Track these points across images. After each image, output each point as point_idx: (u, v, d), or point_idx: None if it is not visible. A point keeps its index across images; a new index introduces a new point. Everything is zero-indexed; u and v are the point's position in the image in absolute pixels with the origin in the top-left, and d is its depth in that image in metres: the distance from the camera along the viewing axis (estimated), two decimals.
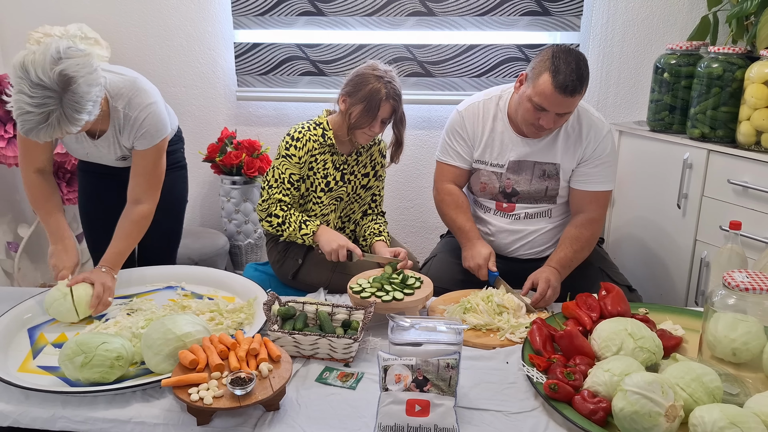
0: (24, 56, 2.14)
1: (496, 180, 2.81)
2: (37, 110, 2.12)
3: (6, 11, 4.13)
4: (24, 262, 4.18)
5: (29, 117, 2.13)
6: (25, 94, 2.11)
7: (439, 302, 2.54)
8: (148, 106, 2.53)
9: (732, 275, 1.95)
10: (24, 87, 2.11)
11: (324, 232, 2.75)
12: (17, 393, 1.93)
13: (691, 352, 2.13)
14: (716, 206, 3.00)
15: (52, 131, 2.18)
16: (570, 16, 3.75)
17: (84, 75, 2.18)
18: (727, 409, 1.64)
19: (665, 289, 3.32)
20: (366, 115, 2.71)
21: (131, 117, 2.52)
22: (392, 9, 3.85)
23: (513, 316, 2.38)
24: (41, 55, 2.14)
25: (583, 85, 2.51)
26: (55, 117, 2.15)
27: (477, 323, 2.33)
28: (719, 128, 3.00)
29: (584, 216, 2.73)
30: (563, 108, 2.54)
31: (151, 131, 2.55)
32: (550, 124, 2.57)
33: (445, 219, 2.92)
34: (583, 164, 2.74)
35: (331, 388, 1.98)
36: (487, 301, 2.42)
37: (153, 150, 2.60)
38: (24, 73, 2.12)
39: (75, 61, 2.18)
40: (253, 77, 4.11)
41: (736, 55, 2.95)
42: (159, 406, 1.89)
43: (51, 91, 2.12)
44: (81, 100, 2.18)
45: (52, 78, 2.11)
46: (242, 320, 2.34)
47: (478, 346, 2.24)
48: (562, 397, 1.83)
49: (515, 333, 2.29)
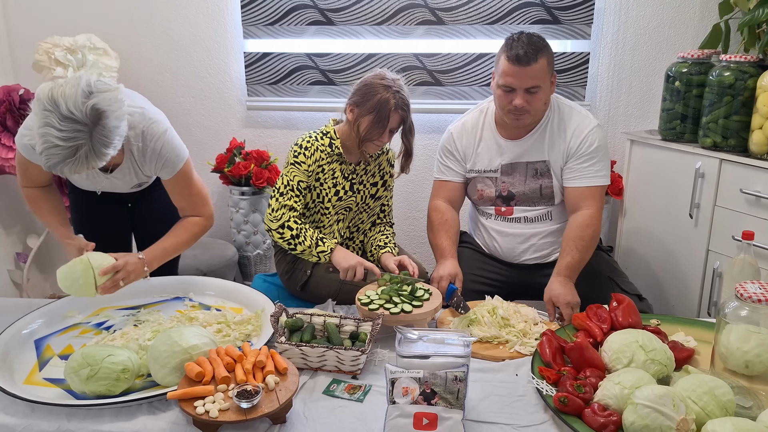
0: (51, 89, 2.10)
1: (492, 185, 2.86)
2: (65, 144, 2.08)
3: (16, 22, 4.15)
4: (33, 273, 4.19)
5: (56, 151, 2.09)
6: (54, 128, 2.06)
7: (447, 314, 2.52)
8: (162, 135, 2.51)
9: (744, 286, 1.93)
10: (53, 120, 2.06)
11: (339, 250, 2.73)
12: (23, 406, 1.92)
13: (703, 364, 2.11)
14: (729, 216, 2.98)
15: (77, 166, 2.14)
16: (581, 24, 3.73)
17: (115, 110, 2.16)
18: (740, 423, 1.62)
19: (677, 300, 3.30)
20: (376, 127, 2.70)
21: (148, 148, 2.50)
22: (402, 18, 3.84)
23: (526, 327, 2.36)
24: (72, 88, 2.09)
25: (537, 54, 2.59)
26: (84, 152, 2.11)
27: (483, 335, 2.31)
28: (731, 137, 2.97)
29: (582, 214, 2.72)
30: (525, 80, 2.61)
31: (171, 158, 2.55)
32: (522, 103, 2.63)
33: (428, 237, 2.95)
34: (571, 160, 2.76)
35: (339, 400, 1.97)
36: (492, 313, 2.40)
37: (180, 175, 2.61)
38: (53, 106, 2.07)
39: (107, 96, 2.14)
40: (263, 87, 4.11)
41: (748, 64, 2.93)
42: (165, 419, 1.88)
43: (82, 125, 2.09)
44: (110, 135, 2.16)
45: (83, 112, 2.08)
46: (249, 332, 2.33)
47: (487, 358, 2.22)
48: (572, 410, 1.81)
49: (524, 345, 2.27)
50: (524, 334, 2.33)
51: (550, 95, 2.75)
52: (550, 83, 2.69)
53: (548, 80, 2.67)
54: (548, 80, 2.67)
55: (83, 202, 2.90)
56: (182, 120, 4.15)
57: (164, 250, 2.60)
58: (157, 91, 4.11)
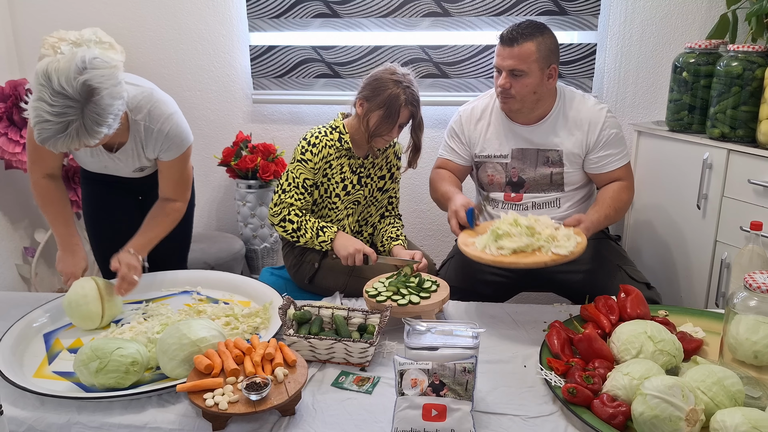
0: (48, 63, 2.10)
1: (503, 170, 2.87)
2: (56, 119, 2.08)
3: (21, 16, 4.15)
4: (41, 268, 4.19)
5: (47, 126, 2.09)
6: (46, 102, 2.07)
7: (466, 236, 2.55)
8: (170, 117, 2.51)
9: (753, 277, 1.92)
10: (45, 95, 2.07)
11: (339, 238, 2.74)
12: (33, 399, 1.93)
13: (711, 355, 2.10)
14: (737, 207, 2.97)
15: (69, 142, 2.14)
16: (587, 15, 3.72)
17: (108, 87, 2.15)
18: (749, 413, 1.62)
19: (685, 291, 3.29)
20: (386, 122, 2.69)
21: (153, 129, 2.49)
22: (407, 10, 3.83)
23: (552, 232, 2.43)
24: (66, 63, 2.10)
25: (525, 37, 2.63)
26: (74, 128, 2.11)
27: (516, 246, 2.34)
28: (739, 128, 2.96)
29: (618, 183, 2.81)
30: (507, 60, 2.66)
31: (176, 142, 2.54)
32: (504, 83, 2.68)
33: (432, 193, 2.98)
34: (594, 151, 2.81)
35: (347, 392, 1.97)
36: (515, 224, 2.42)
37: (179, 159, 2.60)
38: (46, 80, 2.07)
39: (100, 72, 2.14)
40: (268, 80, 4.10)
41: (756, 54, 2.91)
42: (174, 412, 1.89)
43: (73, 101, 2.09)
44: (103, 113, 2.15)
45: (75, 87, 2.08)
46: (258, 325, 2.33)
47: (530, 266, 2.30)
48: (580, 401, 1.81)
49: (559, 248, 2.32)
50: (553, 239, 2.38)
51: (542, 86, 2.72)
52: (540, 71, 2.68)
53: (537, 68, 2.66)
54: (537, 68, 2.66)
55: (95, 195, 2.91)
56: (188, 114, 4.10)
57: (149, 241, 2.63)
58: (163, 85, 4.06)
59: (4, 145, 3.60)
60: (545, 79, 2.71)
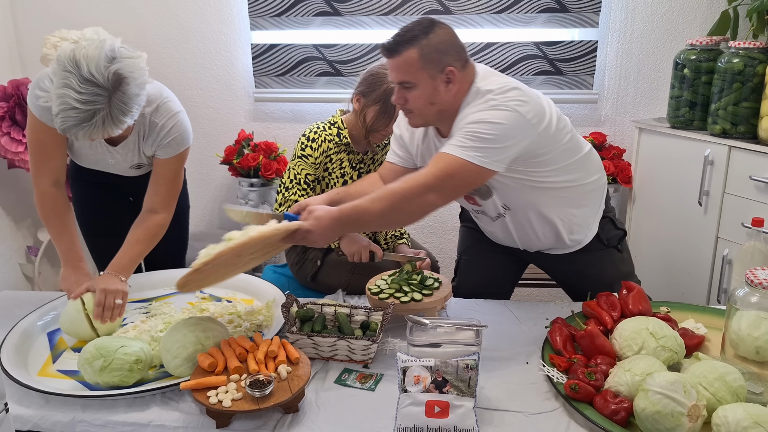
0: (74, 50, 2.06)
1: None
2: (83, 107, 2.04)
3: (23, 16, 4.15)
4: (44, 266, 4.21)
5: (73, 113, 2.05)
6: (73, 89, 2.03)
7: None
8: (176, 115, 2.49)
9: (755, 273, 1.92)
10: (72, 81, 2.03)
11: (346, 236, 2.75)
12: (37, 397, 1.94)
13: (713, 351, 2.11)
14: (738, 203, 2.97)
15: (93, 131, 2.10)
16: (588, 12, 3.72)
17: (137, 77, 2.14)
18: (751, 409, 1.62)
19: (686, 288, 3.29)
20: (382, 117, 2.70)
21: (158, 124, 2.47)
22: (409, 8, 3.84)
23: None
24: (95, 50, 2.06)
25: (404, 44, 2.18)
26: (101, 117, 2.08)
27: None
28: (740, 124, 2.97)
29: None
30: (393, 73, 2.23)
31: (177, 140, 2.51)
32: (398, 100, 2.27)
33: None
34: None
35: (350, 389, 1.98)
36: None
37: (176, 159, 2.55)
38: (74, 66, 2.04)
39: (129, 62, 2.12)
40: (270, 78, 4.11)
41: (757, 50, 2.92)
42: (178, 409, 1.89)
43: (102, 89, 2.06)
44: (129, 102, 2.13)
45: (105, 76, 2.05)
46: (261, 322, 2.34)
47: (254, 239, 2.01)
48: (583, 397, 1.81)
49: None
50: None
51: (438, 94, 2.23)
52: (431, 79, 2.20)
53: (426, 75, 2.19)
54: (426, 75, 2.19)
55: (86, 195, 2.86)
56: (190, 112, 4.09)
57: (131, 260, 2.49)
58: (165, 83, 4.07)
59: (6, 145, 3.61)
60: (441, 85, 2.21)
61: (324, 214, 2.08)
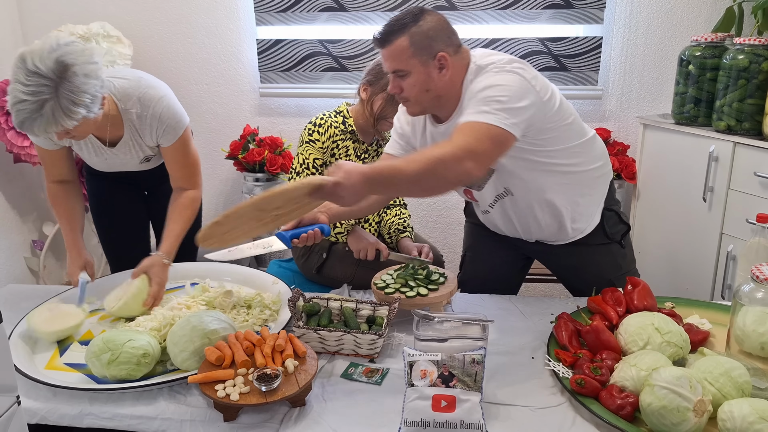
0: (24, 49, 2.12)
1: None
2: (31, 98, 2.08)
3: (29, 10, 4.16)
4: (49, 260, 4.22)
5: (23, 106, 2.09)
6: (20, 83, 2.08)
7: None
8: (161, 100, 2.51)
9: (760, 268, 1.93)
10: (20, 76, 2.08)
11: (354, 231, 2.78)
12: (45, 390, 1.95)
13: (718, 347, 2.11)
14: (743, 199, 2.98)
15: (46, 123, 2.13)
16: (593, 8, 3.72)
17: (81, 63, 2.15)
18: (756, 404, 1.63)
19: (691, 284, 3.30)
20: (390, 104, 2.71)
21: (146, 115, 2.49)
22: (414, 3, 3.83)
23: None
24: (40, 44, 2.12)
25: (394, 33, 2.20)
26: (50, 107, 2.10)
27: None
28: (745, 120, 2.97)
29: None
30: (387, 62, 2.25)
31: (171, 124, 2.54)
32: (394, 89, 2.28)
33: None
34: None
35: (357, 383, 1.98)
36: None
37: (180, 142, 2.60)
38: (21, 62, 2.09)
39: (72, 49, 2.14)
40: (275, 73, 4.12)
41: (762, 47, 2.92)
42: (186, 403, 1.90)
43: (46, 79, 2.08)
44: (77, 90, 2.14)
45: (47, 65, 2.08)
46: (267, 317, 2.34)
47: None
48: (588, 392, 1.82)
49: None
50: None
51: (432, 81, 2.24)
52: (423, 66, 2.21)
53: (418, 63, 2.21)
54: (418, 63, 2.21)
55: (100, 191, 2.91)
56: (195, 108, 4.17)
57: (177, 237, 2.60)
58: (171, 78, 4.10)
59: (12, 139, 3.62)
60: (435, 71, 2.23)
61: (353, 168, 1.97)
